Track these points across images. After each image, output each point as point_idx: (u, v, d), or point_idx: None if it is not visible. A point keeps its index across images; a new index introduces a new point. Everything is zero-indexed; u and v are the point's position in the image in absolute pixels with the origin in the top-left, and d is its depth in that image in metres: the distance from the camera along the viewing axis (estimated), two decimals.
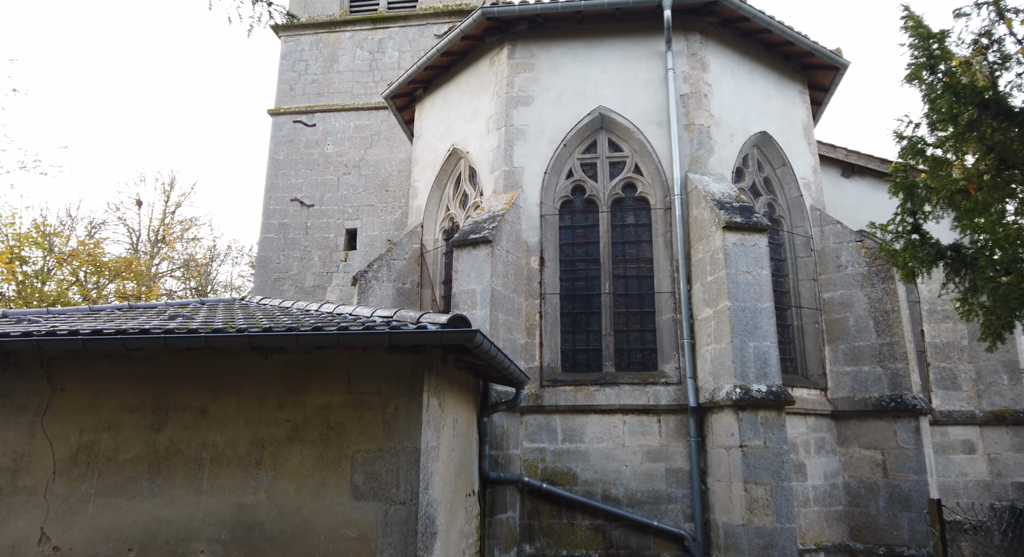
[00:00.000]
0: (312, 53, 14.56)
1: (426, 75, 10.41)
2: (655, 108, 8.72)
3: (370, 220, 13.46)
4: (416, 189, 10.55)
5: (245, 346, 4.71)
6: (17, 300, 12.30)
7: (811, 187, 9.67)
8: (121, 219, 27.29)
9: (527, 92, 9.01)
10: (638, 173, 8.74)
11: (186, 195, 30.62)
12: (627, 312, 8.41)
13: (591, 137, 8.94)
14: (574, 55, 9.06)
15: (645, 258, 8.53)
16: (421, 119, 10.84)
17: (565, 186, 8.81)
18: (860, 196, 12.06)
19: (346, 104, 14.10)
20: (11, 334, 4.80)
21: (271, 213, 13.76)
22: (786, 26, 9.07)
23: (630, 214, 8.72)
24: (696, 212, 8.07)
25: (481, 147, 9.27)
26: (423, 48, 14.11)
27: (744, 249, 7.46)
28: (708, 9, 8.79)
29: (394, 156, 13.72)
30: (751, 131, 9.13)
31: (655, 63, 8.87)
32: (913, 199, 5.63)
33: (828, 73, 10.14)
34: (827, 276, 9.17)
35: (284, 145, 14.09)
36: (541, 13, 8.88)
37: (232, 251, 30.88)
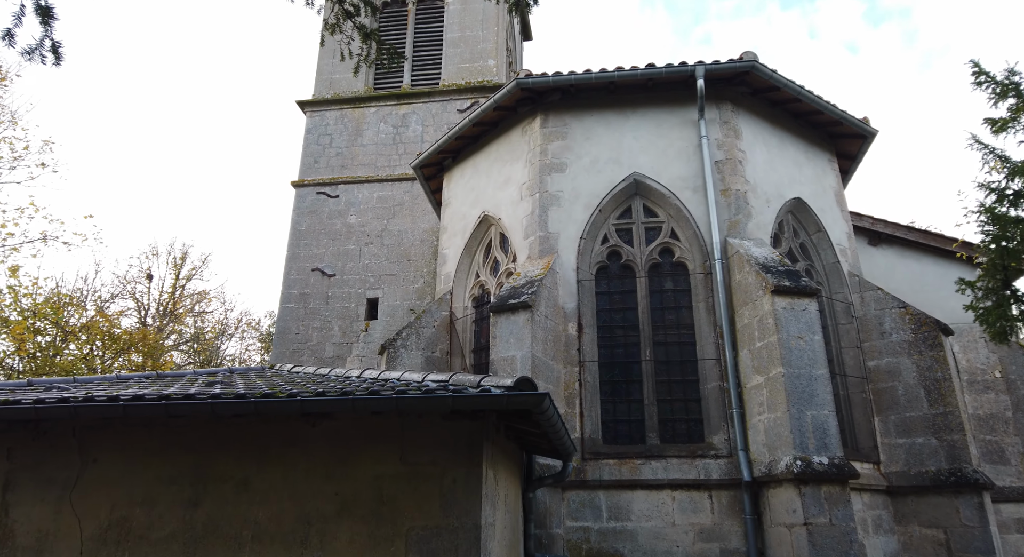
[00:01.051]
0: (337, 127, 14.83)
1: (456, 145, 10.50)
2: (690, 174, 8.71)
3: (392, 289, 13.30)
4: (445, 256, 10.44)
5: (296, 412, 4.42)
6: (28, 373, 11.99)
7: (847, 253, 9.54)
8: (131, 293, 27.22)
9: (561, 159, 9.03)
10: (674, 238, 8.63)
11: (197, 269, 30.71)
12: (669, 380, 8.10)
13: (625, 203, 8.88)
14: (607, 123, 9.14)
15: (685, 324, 8.29)
16: (450, 187, 10.86)
17: (601, 251, 8.68)
18: (889, 265, 11.92)
19: (370, 176, 14.22)
20: (46, 400, 4.52)
21: (291, 283, 13.62)
22: (815, 95, 9.19)
23: (668, 279, 8.55)
24: (739, 277, 7.90)
25: (514, 213, 9.22)
26: (446, 122, 14.37)
27: (795, 314, 7.23)
28: (740, 79, 8.92)
29: (416, 226, 13.71)
30: (785, 197, 9.09)
31: (688, 131, 8.93)
32: (1006, 255, 5.44)
33: (856, 141, 10.21)
34: (871, 343, 8.90)
35: (307, 216, 14.12)
36: (575, 84, 9.01)
37: (242, 324, 30.59)
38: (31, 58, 4.65)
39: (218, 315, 29.37)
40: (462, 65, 15.04)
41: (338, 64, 15.50)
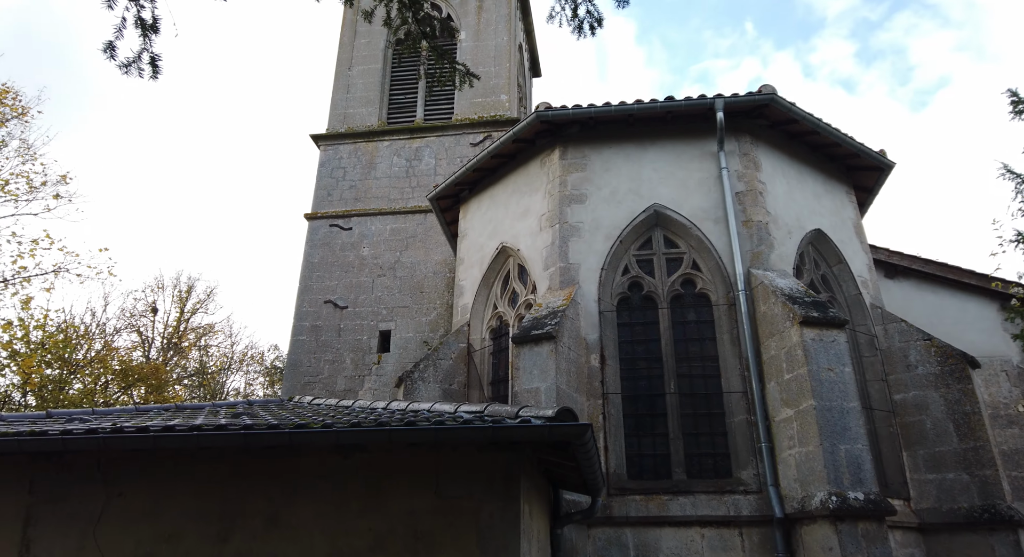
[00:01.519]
0: (350, 160, 14.91)
1: (473, 177, 10.54)
2: (711, 205, 8.70)
3: (404, 322, 13.20)
4: (462, 288, 10.37)
5: (331, 443, 4.30)
6: (37, 408, 11.82)
7: (868, 285, 9.48)
8: (134, 326, 27.08)
9: (580, 190, 9.03)
10: (696, 269, 8.57)
11: (202, 302, 30.64)
12: (694, 413, 7.95)
13: (646, 234, 8.85)
14: (626, 155, 9.17)
15: (709, 356, 8.18)
16: (466, 219, 10.85)
17: (622, 282, 8.62)
18: (905, 297, 11.84)
19: (382, 208, 14.25)
20: (73, 431, 4.40)
21: (303, 315, 13.53)
22: (833, 128, 9.24)
23: (690, 311, 8.46)
24: (764, 308, 7.81)
25: (533, 244, 9.18)
26: (459, 155, 14.47)
27: (824, 345, 7.13)
28: (758, 112, 8.98)
29: (429, 258, 13.68)
30: (806, 228, 9.07)
31: (707, 162, 8.95)
32: None
33: (873, 174, 10.24)
34: (896, 376, 8.77)
35: (319, 248, 14.10)
36: (594, 116, 9.07)
37: (247, 358, 30.35)
38: (128, 72, 4.66)
39: (223, 349, 29.09)
40: (475, 100, 15.19)
41: (352, 99, 15.69)
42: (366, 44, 16.25)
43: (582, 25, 5.26)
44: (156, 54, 4.72)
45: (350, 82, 15.86)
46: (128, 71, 4.66)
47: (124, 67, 4.66)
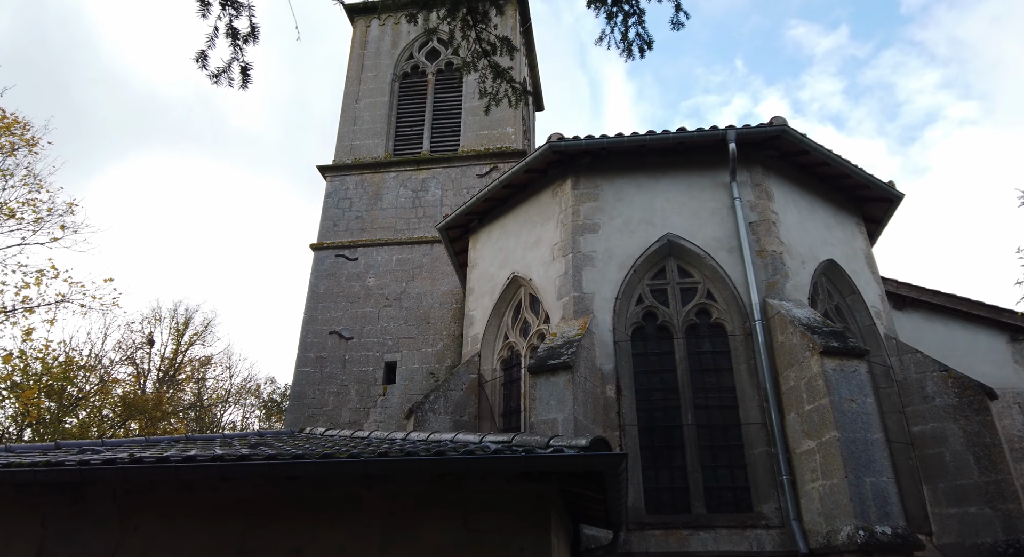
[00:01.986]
0: (357, 191, 14.95)
1: (484, 207, 10.54)
2: (724, 235, 8.70)
3: (410, 353, 13.07)
4: (472, 318, 10.29)
5: (358, 473, 4.18)
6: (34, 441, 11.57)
7: (882, 316, 9.44)
8: (130, 359, 26.75)
9: (593, 220, 9.03)
10: (711, 299, 8.53)
11: (199, 334, 30.38)
12: (712, 445, 7.81)
13: (659, 263, 8.82)
14: (638, 186, 9.19)
15: (726, 387, 8.08)
16: (476, 249, 10.82)
17: (636, 312, 8.56)
18: (916, 329, 11.79)
19: (389, 239, 14.23)
20: (91, 462, 4.27)
21: (308, 346, 13.39)
22: (844, 159, 9.30)
23: (706, 341, 8.39)
24: (782, 338, 7.75)
25: (546, 274, 9.14)
26: (465, 186, 14.52)
27: (845, 375, 7.05)
28: (769, 143, 9.04)
29: (435, 288, 13.61)
30: (819, 259, 9.06)
31: (719, 193, 8.98)
32: None
33: (882, 205, 10.28)
34: (914, 408, 8.67)
35: (325, 278, 14.03)
36: (606, 146, 9.12)
37: (244, 390, 29.97)
38: (218, 81, 4.67)
39: (221, 381, 28.73)
40: (481, 132, 15.32)
41: (359, 131, 15.81)
42: (373, 77, 16.44)
43: (631, 47, 5.28)
44: (247, 63, 4.75)
45: (357, 114, 16.00)
46: (218, 81, 4.70)
47: (214, 77, 4.69)
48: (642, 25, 5.24)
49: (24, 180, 12.26)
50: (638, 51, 5.29)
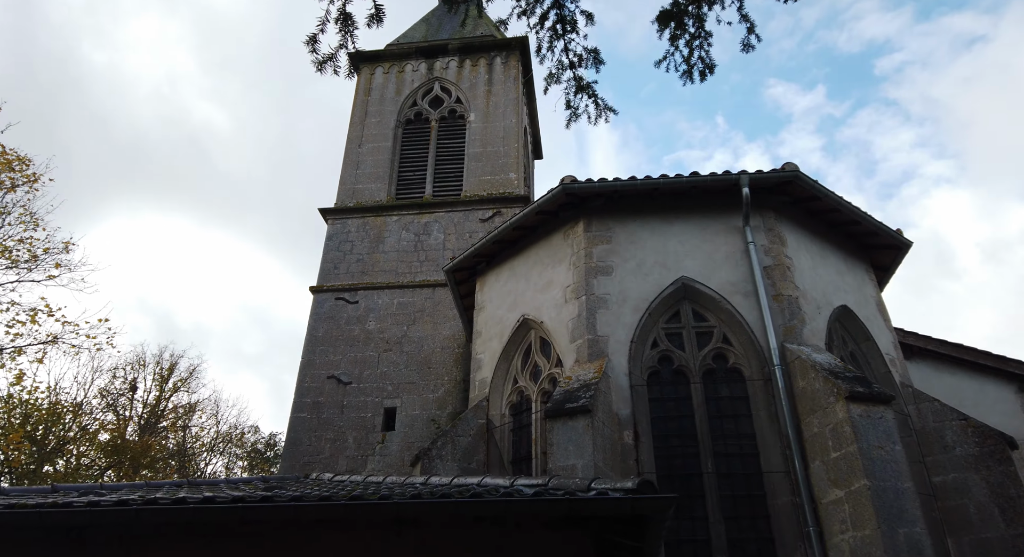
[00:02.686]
0: (358, 234, 14.84)
1: (492, 249, 10.44)
2: (739, 279, 8.62)
3: (410, 398, 12.74)
4: (479, 362, 10.05)
5: (389, 517, 3.91)
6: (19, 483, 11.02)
7: (896, 363, 9.33)
8: (111, 405, 25.97)
9: (606, 262, 8.94)
10: (727, 343, 8.39)
11: (184, 381, 29.68)
12: (733, 495, 7.54)
13: (674, 307, 8.71)
14: (651, 229, 9.15)
15: (746, 434, 7.86)
16: (483, 291, 10.67)
17: (651, 356, 8.39)
18: (923, 379, 11.66)
19: (390, 282, 14.06)
20: (102, 503, 3.97)
21: (305, 391, 13.02)
22: (854, 206, 9.35)
23: (723, 386, 8.21)
24: (803, 383, 7.59)
25: (558, 316, 8.98)
26: (468, 231, 14.48)
27: (872, 422, 6.88)
28: (781, 188, 9.08)
29: (437, 333, 13.38)
30: (833, 304, 8.99)
31: (732, 237, 8.95)
32: None
33: (890, 252, 10.30)
34: (934, 458, 8.47)
35: (324, 321, 13.77)
36: (619, 189, 9.12)
37: (228, 438, 29.13)
38: (322, 69, 4.58)
39: (207, 429, 27.91)
40: (483, 177, 15.38)
41: (361, 175, 15.82)
42: (376, 123, 16.57)
43: (691, 71, 5.27)
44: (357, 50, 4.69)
45: (360, 159, 16.04)
46: (323, 69, 4.64)
47: (319, 64, 4.63)
48: (706, 48, 5.23)
49: (20, 218, 12.04)
50: (698, 75, 5.29)
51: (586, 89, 5.50)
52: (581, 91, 5.53)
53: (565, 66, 5.40)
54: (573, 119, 5.72)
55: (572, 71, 5.43)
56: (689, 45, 5.11)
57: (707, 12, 4.84)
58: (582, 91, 5.52)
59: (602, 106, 5.72)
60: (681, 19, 4.86)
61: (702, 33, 5.06)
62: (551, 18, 5.06)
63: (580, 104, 5.66)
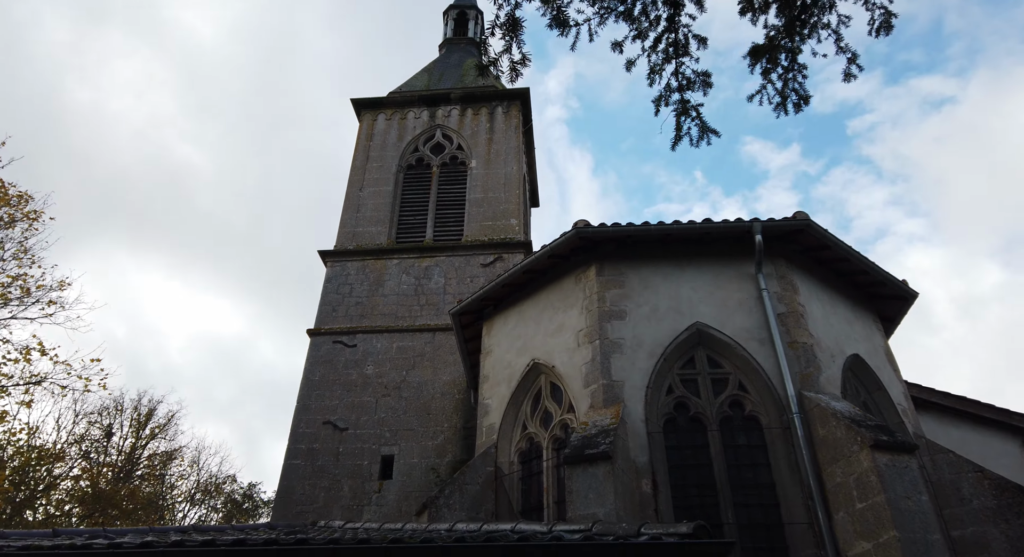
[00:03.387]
0: (358, 277, 14.71)
1: (501, 292, 10.36)
2: (753, 326, 8.60)
3: (409, 446, 12.40)
4: (487, 407, 9.84)
5: None
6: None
7: (908, 414, 9.27)
8: (83, 453, 25.00)
9: (619, 307, 8.89)
10: (743, 390, 8.29)
11: (162, 427, 28.82)
12: (755, 547, 7.32)
13: (688, 353, 8.63)
14: (664, 274, 9.15)
15: (765, 484, 7.69)
16: (491, 335, 10.53)
17: (667, 402, 8.26)
18: (928, 431, 11.58)
19: (390, 325, 13.87)
20: (124, 545, 3.73)
21: (299, 437, 12.64)
22: (863, 256, 9.44)
23: (741, 434, 8.07)
24: (823, 432, 7.48)
25: (570, 361, 8.85)
26: (469, 275, 14.42)
27: (898, 471, 6.76)
28: (791, 237, 9.16)
29: (437, 378, 13.15)
30: (846, 353, 8.97)
31: (745, 283, 8.96)
32: None
33: (895, 303, 10.37)
34: (951, 511, 8.32)
35: (321, 365, 13.49)
36: (632, 234, 9.14)
37: (207, 487, 28.12)
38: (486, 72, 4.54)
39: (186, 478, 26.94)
40: (484, 223, 15.43)
41: (361, 218, 15.80)
42: (378, 168, 16.66)
43: (785, 103, 5.30)
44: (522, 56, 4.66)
45: (360, 202, 16.05)
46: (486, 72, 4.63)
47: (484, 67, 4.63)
48: (801, 80, 5.28)
49: (16, 255, 11.79)
50: (792, 107, 5.32)
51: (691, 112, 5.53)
52: (685, 114, 5.55)
53: (673, 89, 5.42)
54: (677, 141, 5.74)
55: (680, 94, 5.46)
56: (783, 78, 5.17)
57: (800, 45, 4.92)
58: (686, 114, 5.55)
59: (707, 128, 5.73)
60: (774, 53, 4.94)
61: (796, 66, 5.13)
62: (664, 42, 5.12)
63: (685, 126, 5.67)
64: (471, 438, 12.25)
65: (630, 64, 5.26)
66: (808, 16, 4.61)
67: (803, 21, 4.64)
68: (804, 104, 5.37)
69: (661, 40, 5.09)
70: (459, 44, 21.93)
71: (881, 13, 4.54)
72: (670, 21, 4.92)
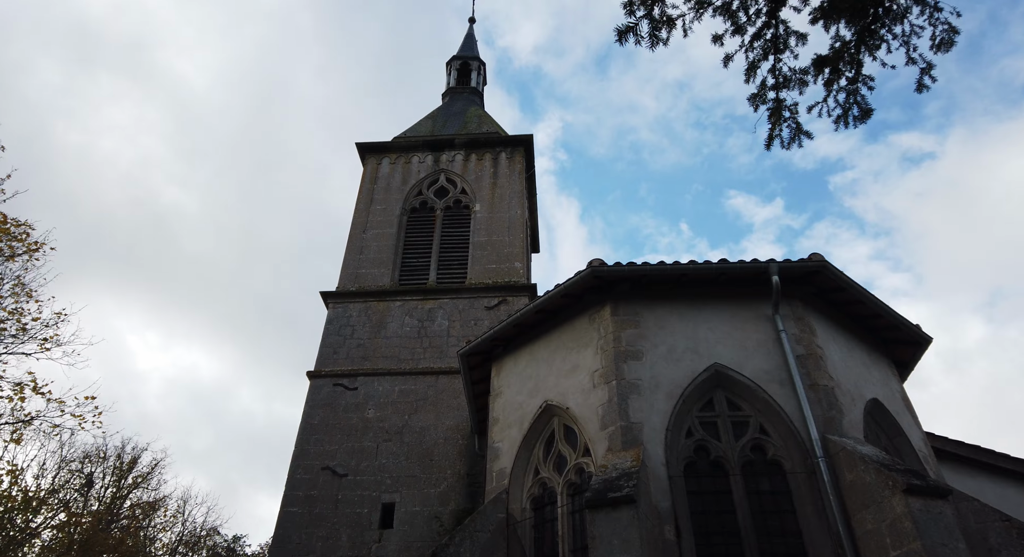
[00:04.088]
0: (360, 319, 14.50)
1: (511, 332, 10.18)
2: (772, 368, 8.44)
3: (410, 493, 11.96)
4: (497, 450, 9.52)
5: None
6: None
7: (929, 461, 9.06)
8: (61, 501, 24.03)
9: (636, 347, 8.72)
10: (764, 433, 8.08)
11: (145, 477, 27.89)
12: None
13: (707, 394, 8.44)
14: (680, 314, 9.03)
15: (791, 531, 7.40)
16: (500, 376, 10.30)
17: (687, 446, 8.01)
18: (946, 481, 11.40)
19: (392, 368, 13.60)
20: None
21: (297, 483, 12.18)
22: (878, 299, 9.39)
23: (764, 479, 7.82)
24: (851, 476, 7.25)
25: (586, 402, 8.63)
26: (473, 318, 14.25)
27: (932, 517, 6.52)
28: (808, 279, 9.11)
29: (440, 423, 12.81)
30: (865, 397, 8.81)
31: (762, 324, 8.85)
32: None
33: (909, 349, 10.26)
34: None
35: (321, 408, 13.13)
36: (647, 274, 9.06)
37: (186, 542, 27.03)
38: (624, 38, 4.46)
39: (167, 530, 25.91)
40: (488, 266, 15.35)
41: (364, 260, 15.70)
42: (382, 210, 16.66)
43: (846, 115, 5.26)
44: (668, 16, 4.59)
45: (364, 244, 15.98)
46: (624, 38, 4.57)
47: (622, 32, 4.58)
48: (862, 93, 5.26)
49: (13, 289, 11.52)
50: (853, 120, 5.29)
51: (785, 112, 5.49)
52: (779, 113, 5.51)
53: (769, 86, 5.39)
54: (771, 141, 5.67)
55: (775, 92, 5.42)
56: (846, 90, 5.16)
57: (865, 57, 4.93)
58: (779, 114, 5.50)
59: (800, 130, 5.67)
60: (837, 64, 4.94)
61: (861, 78, 5.13)
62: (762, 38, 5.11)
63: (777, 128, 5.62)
64: (475, 486, 11.88)
65: (728, 59, 5.23)
66: (879, 26, 4.64)
67: (872, 31, 4.67)
68: (865, 118, 5.35)
69: (760, 36, 5.08)
70: (462, 93, 22.34)
71: (944, 29, 4.57)
72: (770, 16, 4.94)
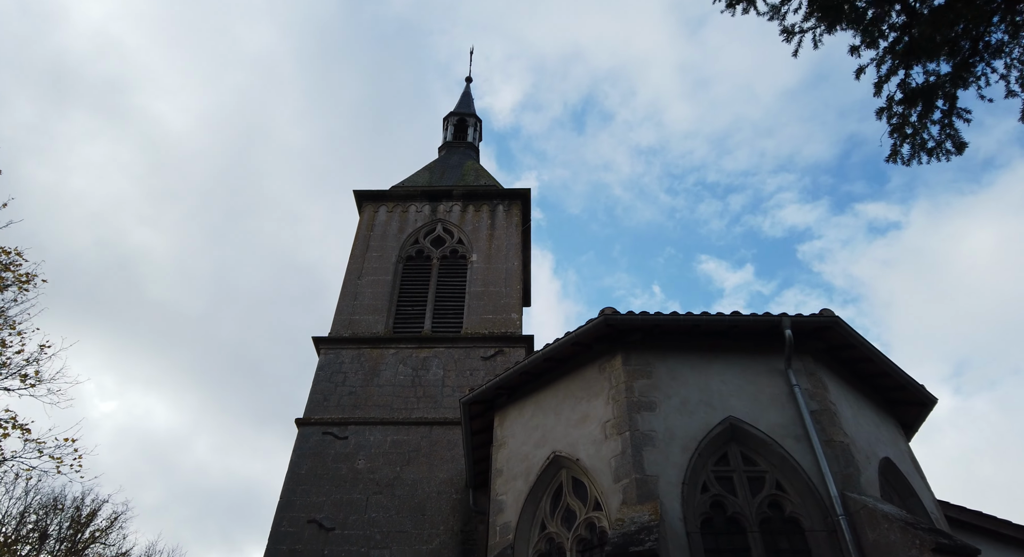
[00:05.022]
0: (352, 366, 14.15)
1: (517, 381, 9.97)
2: (787, 422, 8.33)
3: (401, 549, 11.41)
4: (501, 503, 9.16)
5: None
6: None
7: (941, 522, 8.90)
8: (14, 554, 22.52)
9: (648, 398, 8.57)
10: (781, 490, 7.88)
11: (103, 531, 26.39)
12: None
13: (722, 448, 8.26)
14: (691, 366, 8.94)
15: None
16: (504, 426, 10.01)
17: (703, 501, 7.77)
18: None
19: (384, 417, 13.19)
20: None
21: (281, 537, 11.57)
22: (887, 357, 9.40)
23: (782, 538, 7.58)
24: (874, 535, 7.06)
25: (597, 454, 8.38)
26: (468, 368, 14.00)
27: None
28: (818, 334, 9.11)
29: (433, 476, 12.36)
30: (878, 455, 8.70)
31: (775, 378, 8.78)
32: None
33: (914, 409, 10.23)
34: None
35: (309, 458, 12.62)
36: (660, 324, 9.00)
37: None
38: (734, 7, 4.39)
39: None
40: (485, 316, 15.20)
41: (359, 306, 15.46)
42: (378, 257, 16.54)
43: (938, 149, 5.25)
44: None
45: (358, 290, 15.77)
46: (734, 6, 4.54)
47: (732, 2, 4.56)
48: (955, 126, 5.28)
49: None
50: (945, 155, 5.29)
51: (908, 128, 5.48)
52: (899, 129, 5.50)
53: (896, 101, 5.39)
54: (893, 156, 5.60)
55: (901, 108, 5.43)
56: (939, 123, 5.19)
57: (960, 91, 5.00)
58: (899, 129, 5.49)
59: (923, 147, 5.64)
60: (930, 97, 5.00)
61: (956, 110, 5.18)
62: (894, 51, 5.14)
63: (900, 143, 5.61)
64: (469, 543, 11.40)
65: (860, 71, 5.28)
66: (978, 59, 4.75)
67: (969, 65, 4.78)
68: (959, 151, 5.39)
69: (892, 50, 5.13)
70: (458, 147, 22.67)
71: None
72: (904, 30, 5.01)
